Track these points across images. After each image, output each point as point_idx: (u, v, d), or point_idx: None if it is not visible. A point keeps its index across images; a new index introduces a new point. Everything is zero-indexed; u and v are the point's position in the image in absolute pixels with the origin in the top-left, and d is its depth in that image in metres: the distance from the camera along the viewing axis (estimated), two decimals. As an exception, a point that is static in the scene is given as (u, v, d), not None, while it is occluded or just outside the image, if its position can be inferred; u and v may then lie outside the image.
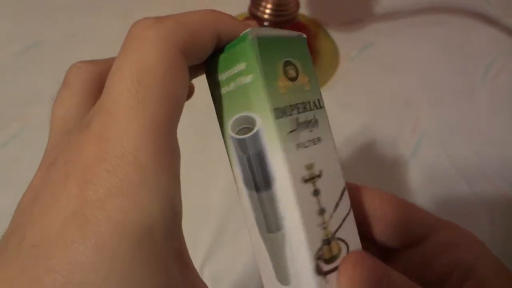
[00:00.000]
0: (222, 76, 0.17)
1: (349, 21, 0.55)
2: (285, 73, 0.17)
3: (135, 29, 0.15)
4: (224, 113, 0.17)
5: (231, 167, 0.18)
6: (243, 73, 0.16)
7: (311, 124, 0.17)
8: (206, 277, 0.34)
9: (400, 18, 0.55)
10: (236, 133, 0.17)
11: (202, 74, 0.19)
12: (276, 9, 0.44)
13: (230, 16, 0.17)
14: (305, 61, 0.17)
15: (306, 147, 0.16)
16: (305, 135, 0.16)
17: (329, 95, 0.47)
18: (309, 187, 0.16)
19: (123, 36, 0.16)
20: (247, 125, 0.16)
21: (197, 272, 0.16)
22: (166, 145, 0.14)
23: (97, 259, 0.12)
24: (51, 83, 0.50)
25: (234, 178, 0.18)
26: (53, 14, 0.53)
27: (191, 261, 0.16)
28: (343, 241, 0.17)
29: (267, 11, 0.44)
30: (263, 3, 0.44)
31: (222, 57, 0.17)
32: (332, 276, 0.16)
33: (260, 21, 0.44)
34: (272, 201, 0.16)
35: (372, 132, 0.44)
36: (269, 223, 0.17)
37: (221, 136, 0.19)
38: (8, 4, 0.54)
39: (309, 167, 0.16)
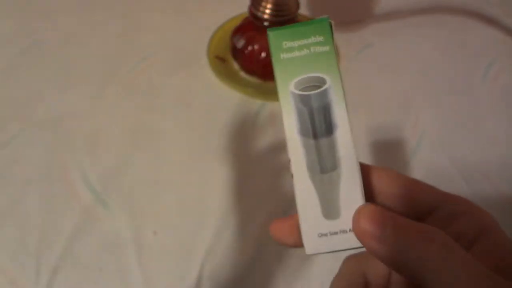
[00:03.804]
0: (292, 44, 0.21)
1: (349, 21, 0.55)
2: None
3: None
4: (287, 74, 0.21)
5: (284, 122, 0.20)
6: (320, 43, 0.21)
7: None
8: (206, 277, 0.34)
9: (400, 18, 0.55)
10: (300, 91, 0.20)
11: None
12: (276, 9, 0.44)
13: None
14: None
15: None
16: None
17: (329, 95, 0.47)
18: None
19: (123, 36, 0.16)
20: (314, 83, 0.20)
21: None
22: None
23: None
24: (51, 83, 0.50)
25: (285, 131, 0.20)
26: (53, 14, 0.53)
27: None
28: None
29: (267, 11, 0.44)
30: (263, 3, 0.44)
31: (294, 31, 0.21)
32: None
33: (260, 21, 0.44)
34: (332, 145, 0.20)
35: (372, 132, 0.44)
36: (324, 164, 0.20)
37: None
38: (8, 4, 0.54)
39: None
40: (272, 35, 0.21)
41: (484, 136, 0.45)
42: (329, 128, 0.20)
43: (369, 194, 0.21)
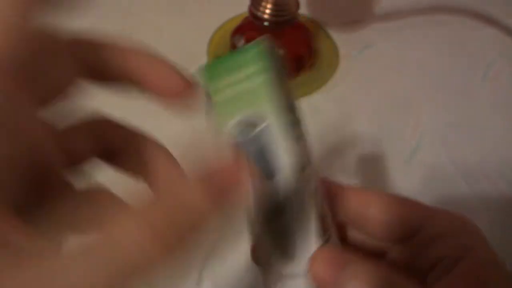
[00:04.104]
0: (228, 79, 0.18)
1: (349, 21, 0.55)
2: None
3: None
4: (224, 116, 0.18)
5: None
6: (257, 73, 0.18)
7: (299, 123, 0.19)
8: (206, 277, 0.34)
9: (400, 18, 0.55)
10: (239, 133, 0.18)
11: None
12: (276, 9, 0.44)
13: None
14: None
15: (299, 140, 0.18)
16: (298, 130, 0.18)
17: (329, 95, 0.47)
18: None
19: (123, 36, 0.16)
20: (253, 122, 0.18)
21: None
22: None
23: None
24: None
25: None
26: (52, 13, 0.53)
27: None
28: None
29: (267, 11, 0.44)
30: (263, 3, 0.44)
31: (229, 64, 0.18)
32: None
33: (260, 21, 0.44)
34: (278, 187, 0.18)
35: (372, 132, 0.44)
36: (274, 208, 0.19)
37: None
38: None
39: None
40: (207, 73, 0.19)
41: (484, 136, 0.45)
42: (271, 171, 0.18)
43: (340, 218, 0.20)
